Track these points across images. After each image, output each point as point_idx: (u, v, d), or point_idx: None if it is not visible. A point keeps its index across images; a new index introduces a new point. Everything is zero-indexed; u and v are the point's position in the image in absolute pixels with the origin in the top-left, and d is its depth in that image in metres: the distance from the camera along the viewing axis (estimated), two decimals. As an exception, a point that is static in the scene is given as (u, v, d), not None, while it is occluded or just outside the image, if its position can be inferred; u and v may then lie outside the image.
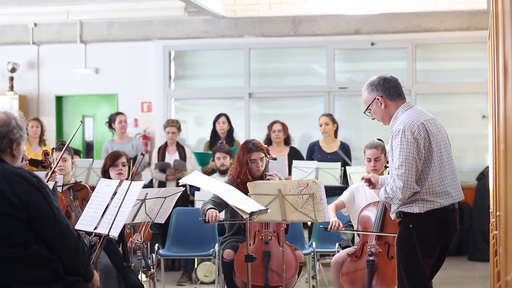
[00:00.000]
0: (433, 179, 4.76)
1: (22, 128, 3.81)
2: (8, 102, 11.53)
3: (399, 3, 10.12)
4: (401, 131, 4.74)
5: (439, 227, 4.84)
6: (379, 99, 4.91)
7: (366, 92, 4.98)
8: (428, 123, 4.83)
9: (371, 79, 5.01)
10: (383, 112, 4.94)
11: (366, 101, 4.99)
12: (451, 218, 4.88)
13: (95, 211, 5.12)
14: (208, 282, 8.33)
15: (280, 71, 11.56)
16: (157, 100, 11.53)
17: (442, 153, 4.83)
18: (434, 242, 4.86)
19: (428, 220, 4.78)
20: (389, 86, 4.94)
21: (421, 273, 4.84)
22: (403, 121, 4.80)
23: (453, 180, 4.85)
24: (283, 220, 5.89)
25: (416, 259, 4.81)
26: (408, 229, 4.82)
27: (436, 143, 4.80)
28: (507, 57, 3.16)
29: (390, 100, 4.92)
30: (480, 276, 8.79)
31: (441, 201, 4.77)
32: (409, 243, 4.82)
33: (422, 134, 4.75)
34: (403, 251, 4.86)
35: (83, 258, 3.80)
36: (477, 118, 10.86)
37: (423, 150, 4.74)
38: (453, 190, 4.83)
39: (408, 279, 4.85)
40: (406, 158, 4.69)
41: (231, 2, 10.30)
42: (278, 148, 9.11)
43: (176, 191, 5.59)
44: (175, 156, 9.53)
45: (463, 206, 10.45)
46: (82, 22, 11.57)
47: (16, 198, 3.63)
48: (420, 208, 4.77)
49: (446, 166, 4.83)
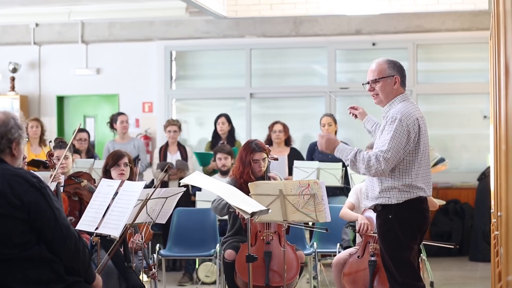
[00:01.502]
0: (413, 173, 4.91)
1: (21, 127, 3.81)
2: (10, 102, 11.54)
3: (400, 4, 10.12)
4: (398, 119, 4.88)
5: (418, 216, 4.97)
6: (396, 78, 5.05)
7: (385, 65, 5.08)
8: (421, 120, 4.98)
9: (390, 58, 5.14)
10: (389, 92, 5.06)
11: (382, 73, 5.06)
12: (426, 206, 5.03)
13: (96, 211, 5.12)
14: (209, 283, 8.33)
15: (281, 71, 11.56)
16: (159, 101, 11.53)
17: (425, 151, 4.99)
18: (415, 231, 4.97)
19: (407, 209, 4.91)
20: (404, 73, 5.13)
21: (410, 261, 4.91)
22: (400, 110, 4.94)
23: (428, 178, 5.02)
24: (284, 220, 5.89)
25: (401, 248, 4.91)
26: (389, 220, 4.93)
27: (423, 140, 4.97)
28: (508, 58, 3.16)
29: (401, 85, 5.08)
30: (481, 277, 8.79)
31: (416, 192, 4.92)
32: (392, 234, 4.92)
33: (415, 129, 4.91)
34: (387, 243, 4.96)
35: (83, 259, 3.80)
36: (478, 118, 10.85)
37: (412, 143, 4.89)
38: (427, 187, 4.99)
39: (398, 270, 4.91)
40: (396, 145, 4.85)
41: (233, 2, 10.30)
42: (278, 148, 9.11)
43: (177, 192, 5.59)
44: (177, 156, 9.54)
45: (465, 206, 10.45)
46: (83, 22, 11.57)
47: (16, 199, 3.63)
48: (398, 198, 4.91)
49: (424, 163, 4.99)
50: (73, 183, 6.41)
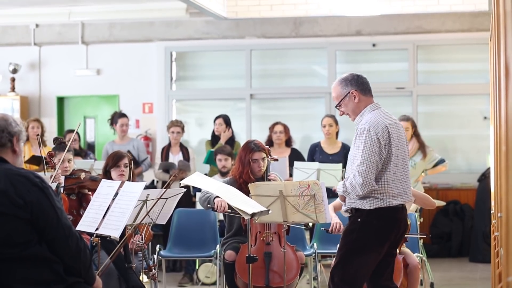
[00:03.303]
0: (387, 180, 4.94)
1: (19, 125, 3.83)
2: (10, 103, 11.55)
3: (401, 4, 10.11)
4: (367, 130, 4.92)
5: (386, 224, 4.98)
6: (353, 93, 5.10)
7: (339, 87, 5.15)
8: (391, 127, 5.00)
9: (342, 76, 5.19)
10: (355, 106, 5.11)
11: (338, 96, 5.15)
12: (400, 216, 5.03)
13: (96, 212, 5.12)
14: (209, 283, 8.33)
15: (282, 72, 11.56)
16: (159, 101, 11.53)
17: (398, 157, 5.00)
18: (380, 239, 4.97)
19: (376, 216, 4.94)
20: (362, 81, 5.15)
21: (357, 266, 4.95)
22: (368, 120, 4.98)
23: (405, 184, 5.02)
24: (284, 221, 5.89)
25: (355, 252, 4.95)
26: (356, 223, 5.00)
27: (395, 147, 4.98)
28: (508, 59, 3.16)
29: (363, 95, 5.12)
30: (481, 278, 8.79)
31: (391, 200, 4.95)
32: (353, 235, 5.00)
33: (385, 136, 4.93)
34: (345, 241, 5.03)
35: (84, 260, 3.80)
36: (478, 119, 10.85)
37: (384, 152, 4.92)
38: (403, 192, 5.00)
39: (342, 267, 4.99)
40: (368, 156, 4.88)
41: (233, 3, 10.30)
42: (279, 149, 9.10)
43: (178, 192, 5.59)
44: (179, 156, 9.54)
45: (465, 207, 10.45)
46: (83, 23, 11.58)
47: (19, 198, 3.64)
48: (371, 205, 4.94)
49: (400, 169, 5.00)
50: (73, 181, 6.42)
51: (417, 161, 8.53)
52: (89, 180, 6.46)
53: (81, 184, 6.44)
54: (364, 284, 5.08)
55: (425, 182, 9.84)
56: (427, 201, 6.22)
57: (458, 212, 10.45)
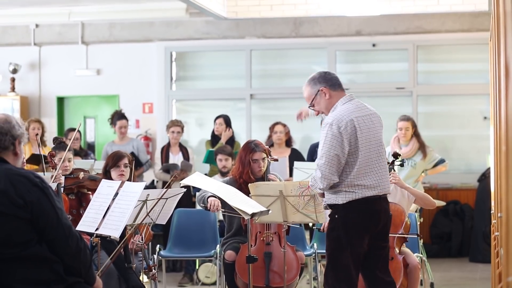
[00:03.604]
0: (357, 173, 4.90)
1: (22, 127, 3.83)
2: (10, 103, 11.54)
3: (401, 5, 10.11)
4: (329, 124, 4.92)
5: (362, 217, 4.95)
6: (323, 90, 5.10)
7: (308, 87, 5.18)
8: (360, 119, 4.96)
9: (310, 76, 5.21)
10: (327, 103, 5.11)
11: (309, 96, 5.17)
12: (376, 207, 4.99)
13: (96, 212, 5.12)
14: (209, 283, 8.33)
15: (282, 72, 11.56)
16: (159, 101, 11.53)
17: (371, 149, 4.97)
18: (359, 232, 4.96)
19: (351, 210, 4.93)
20: (330, 77, 5.15)
21: (345, 262, 4.93)
22: (334, 114, 4.98)
23: (379, 175, 4.98)
24: (284, 221, 5.89)
25: (340, 249, 4.93)
26: (335, 220, 4.99)
27: (364, 139, 4.94)
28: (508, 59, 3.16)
29: (333, 90, 5.10)
30: (481, 278, 8.79)
31: (364, 192, 4.92)
32: (334, 233, 4.98)
33: (349, 130, 4.90)
34: (329, 240, 5.02)
35: (84, 260, 3.80)
36: (478, 119, 10.85)
37: (347, 146, 4.89)
38: (378, 184, 4.95)
39: (332, 266, 4.98)
40: (328, 150, 4.88)
41: (233, 3, 10.30)
42: (279, 149, 9.10)
43: (178, 193, 5.59)
44: (179, 156, 9.54)
45: (465, 207, 10.45)
46: (83, 23, 11.58)
47: (19, 198, 3.64)
48: (343, 199, 4.93)
49: (373, 161, 4.97)
50: (72, 180, 6.42)
51: (417, 161, 8.53)
52: (88, 179, 6.46)
53: (80, 183, 6.44)
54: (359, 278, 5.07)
55: (425, 182, 9.84)
56: (427, 201, 6.23)
57: (458, 212, 10.45)
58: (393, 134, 8.75)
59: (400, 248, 6.04)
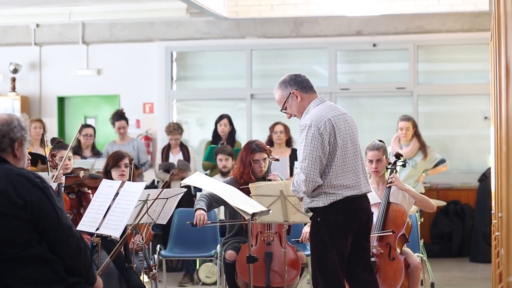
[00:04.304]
0: (334, 173, 4.89)
1: (24, 129, 3.80)
2: (10, 103, 11.54)
3: (401, 5, 10.12)
4: (308, 126, 4.90)
5: (344, 217, 4.93)
6: (294, 93, 5.09)
7: (279, 90, 5.17)
8: (336, 119, 4.96)
9: (281, 79, 5.21)
10: (299, 105, 5.09)
11: (281, 99, 5.15)
12: (356, 206, 4.97)
13: (96, 212, 5.12)
14: (210, 283, 8.33)
15: (282, 72, 11.39)
16: (159, 101, 11.53)
17: (347, 149, 4.95)
18: (343, 232, 4.94)
19: (333, 211, 4.90)
20: (301, 80, 5.14)
21: (332, 264, 4.92)
22: (311, 116, 4.95)
23: (357, 175, 4.96)
24: (285, 221, 5.89)
25: (325, 251, 4.92)
26: (317, 223, 4.96)
27: (341, 138, 4.93)
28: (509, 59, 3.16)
29: (304, 93, 5.09)
30: (482, 278, 8.79)
31: (344, 192, 4.89)
32: (318, 236, 4.95)
33: (328, 129, 4.89)
34: (314, 244, 5.01)
35: (85, 260, 3.80)
36: (479, 119, 10.85)
37: (327, 146, 4.88)
38: (357, 184, 4.94)
39: (320, 271, 4.96)
40: (310, 152, 4.85)
41: (233, 3, 10.30)
42: (279, 149, 9.10)
43: (178, 192, 5.59)
44: (179, 156, 9.56)
45: (465, 207, 10.45)
46: (84, 23, 11.58)
47: (19, 198, 3.63)
48: (324, 201, 4.90)
49: (350, 161, 4.95)
50: (72, 179, 6.43)
51: (417, 161, 8.53)
52: (88, 178, 6.46)
53: (81, 182, 6.44)
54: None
55: (426, 182, 9.84)
56: (427, 203, 6.23)
57: (458, 212, 10.45)
58: (393, 134, 8.76)
59: (401, 249, 6.04)
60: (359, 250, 5.06)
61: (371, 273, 5.14)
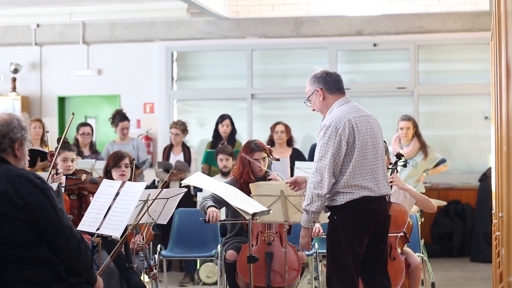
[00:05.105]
0: (352, 173, 4.88)
1: (25, 129, 3.80)
2: (11, 103, 11.55)
3: (402, 4, 10.12)
4: (327, 126, 4.93)
5: (360, 216, 4.93)
6: (318, 91, 5.12)
7: (309, 84, 5.21)
8: (358, 120, 4.97)
9: (314, 72, 5.24)
10: (321, 104, 5.12)
11: (308, 92, 5.21)
12: (373, 206, 4.96)
13: (97, 212, 5.12)
14: (210, 283, 8.33)
15: (283, 72, 11.56)
16: (160, 101, 11.53)
17: (367, 150, 4.95)
18: (358, 232, 4.94)
19: (349, 210, 4.91)
20: (329, 80, 5.13)
21: (346, 263, 4.91)
22: (331, 117, 4.98)
23: (376, 176, 4.95)
24: (285, 221, 5.89)
25: (340, 250, 4.91)
26: (333, 221, 4.97)
27: (361, 139, 4.93)
28: (509, 58, 3.16)
29: (329, 93, 5.10)
30: (482, 278, 8.79)
31: (361, 192, 4.89)
32: (334, 234, 4.95)
33: (347, 130, 4.90)
34: (329, 242, 5.00)
35: (85, 261, 3.80)
36: (479, 119, 10.85)
37: (345, 146, 4.88)
38: (375, 185, 4.93)
39: (334, 269, 4.96)
40: (325, 152, 4.88)
41: (234, 3, 10.30)
42: (280, 149, 9.10)
43: (179, 192, 5.59)
44: (180, 157, 9.56)
45: (466, 207, 10.45)
46: (84, 23, 11.58)
47: (20, 199, 3.63)
48: (340, 200, 4.91)
49: (369, 162, 4.94)
50: (74, 181, 6.43)
51: (418, 161, 8.53)
52: (89, 182, 6.45)
53: (81, 185, 6.44)
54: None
55: (426, 182, 9.84)
56: (427, 203, 6.23)
57: (459, 212, 10.45)
58: (394, 134, 8.76)
59: (402, 249, 6.04)
60: (376, 253, 5.05)
61: (388, 278, 5.12)
